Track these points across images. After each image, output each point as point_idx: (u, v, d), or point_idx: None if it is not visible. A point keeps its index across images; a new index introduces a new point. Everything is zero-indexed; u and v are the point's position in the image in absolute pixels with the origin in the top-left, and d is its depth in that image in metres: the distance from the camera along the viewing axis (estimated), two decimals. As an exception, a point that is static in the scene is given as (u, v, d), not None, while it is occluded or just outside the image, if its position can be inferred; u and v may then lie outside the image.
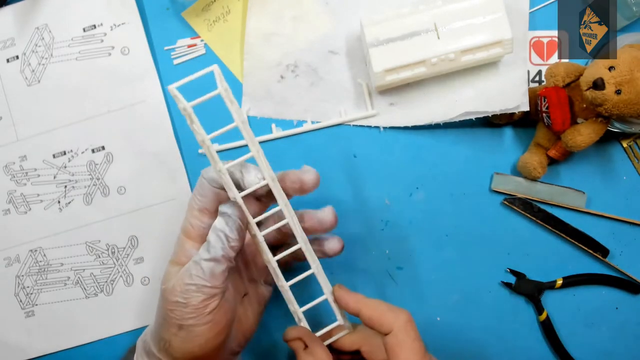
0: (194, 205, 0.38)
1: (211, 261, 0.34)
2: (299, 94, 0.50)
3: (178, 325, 0.35)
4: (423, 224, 0.49)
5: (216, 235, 0.35)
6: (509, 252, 0.49)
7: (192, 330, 0.35)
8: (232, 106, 0.34)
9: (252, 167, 0.37)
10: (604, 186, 0.48)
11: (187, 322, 0.35)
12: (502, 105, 0.46)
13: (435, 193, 0.49)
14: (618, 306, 0.48)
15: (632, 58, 0.40)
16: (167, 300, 0.35)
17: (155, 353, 0.37)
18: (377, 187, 0.49)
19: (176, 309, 0.35)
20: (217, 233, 0.35)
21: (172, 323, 0.35)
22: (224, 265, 0.34)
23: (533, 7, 0.49)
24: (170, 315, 0.35)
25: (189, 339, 0.35)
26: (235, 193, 0.36)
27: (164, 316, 0.36)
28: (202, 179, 0.38)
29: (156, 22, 0.52)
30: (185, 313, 0.34)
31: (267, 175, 0.36)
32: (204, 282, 0.34)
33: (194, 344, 0.35)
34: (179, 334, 0.35)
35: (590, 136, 0.43)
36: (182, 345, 0.35)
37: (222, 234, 0.35)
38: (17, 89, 0.51)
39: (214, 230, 0.35)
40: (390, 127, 0.50)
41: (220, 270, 0.34)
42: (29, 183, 0.51)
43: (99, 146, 0.51)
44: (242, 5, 0.51)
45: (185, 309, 0.34)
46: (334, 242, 0.41)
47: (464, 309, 0.48)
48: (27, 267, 0.51)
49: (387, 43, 0.45)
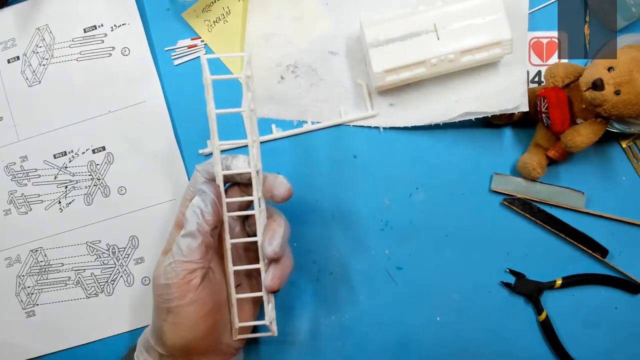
0: (187, 196, 0.39)
1: (187, 236, 0.35)
2: (299, 95, 0.50)
3: (166, 310, 0.36)
4: (423, 224, 0.49)
5: (192, 211, 0.36)
6: (509, 252, 0.49)
7: (179, 312, 0.35)
8: (247, 94, 0.36)
9: (242, 157, 0.39)
10: (604, 186, 0.48)
11: (173, 304, 0.35)
12: (502, 106, 0.46)
13: (435, 193, 0.49)
14: (617, 306, 0.48)
15: (632, 59, 0.40)
16: (155, 286, 0.37)
17: (153, 345, 0.38)
18: (377, 187, 0.49)
19: (163, 293, 0.36)
20: (194, 209, 0.36)
21: (162, 308, 0.36)
22: (199, 238, 0.35)
23: (533, 7, 0.49)
24: (159, 301, 0.36)
25: (178, 321, 0.36)
26: (219, 169, 0.38)
27: (155, 304, 0.37)
28: (196, 171, 0.40)
29: (156, 22, 0.52)
30: (170, 294, 0.35)
31: (253, 166, 0.38)
32: (182, 258, 0.35)
33: (183, 327, 0.36)
34: (168, 318, 0.36)
35: (589, 137, 0.43)
36: (172, 329, 0.36)
37: (197, 209, 0.36)
38: (18, 89, 0.52)
39: (191, 207, 0.36)
40: (390, 128, 0.50)
41: (196, 244, 0.35)
42: (30, 183, 0.51)
43: (99, 146, 0.51)
44: (243, 5, 0.51)
45: (170, 290, 0.35)
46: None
47: (464, 309, 0.48)
48: (28, 267, 0.51)
49: (387, 44, 0.45)
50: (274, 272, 0.39)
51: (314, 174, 0.50)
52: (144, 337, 0.40)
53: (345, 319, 0.49)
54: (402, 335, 0.48)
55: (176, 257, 0.36)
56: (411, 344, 0.48)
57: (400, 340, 0.48)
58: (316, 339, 0.49)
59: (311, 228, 0.49)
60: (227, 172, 0.38)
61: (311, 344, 0.49)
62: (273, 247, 0.38)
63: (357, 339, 0.49)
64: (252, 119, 0.37)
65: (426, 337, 0.48)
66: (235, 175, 0.39)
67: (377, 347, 0.48)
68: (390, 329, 0.49)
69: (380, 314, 0.49)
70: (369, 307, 0.49)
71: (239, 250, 0.43)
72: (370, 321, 0.49)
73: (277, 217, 0.40)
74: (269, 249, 0.38)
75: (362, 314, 0.49)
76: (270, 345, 0.49)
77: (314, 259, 0.49)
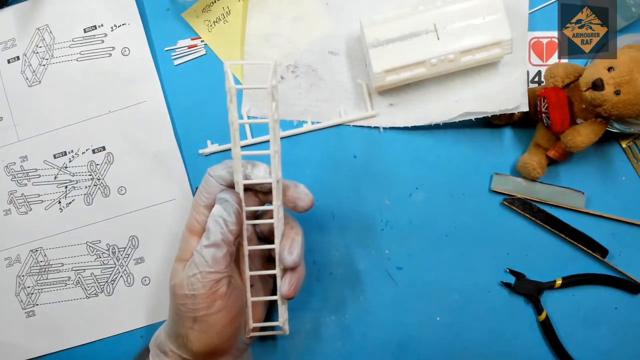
0: (200, 202, 0.38)
1: (211, 247, 0.35)
2: (299, 95, 0.50)
3: (192, 319, 0.36)
4: (423, 224, 0.49)
5: (215, 221, 0.35)
6: (509, 252, 0.49)
7: (207, 321, 0.35)
8: (272, 104, 0.35)
9: (262, 165, 0.38)
10: (603, 186, 0.48)
11: (200, 313, 0.35)
12: (502, 106, 0.46)
13: (435, 193, 0.49)
14: (617, 306, 0.48)
15: (631, 59, 0.40)
16: (176, 296, 0.36)
17: (175, 350, 0.38)
18: (377, 187, 0.49)
19: (187, 302, 0.35)
20: (216, 219, 0.36)
21: (186, 317, 0.36)
22: (224, 249, 0.35)
23: (532, 7, 0.49)
24: (182, 310, 0.36)
25: (205, 329, 0.36)
26: (240, 177, 0.37)
27: (177, 312, 0.36)
28: (209, 176, 0.38)
29: (156, 22, 0.52)
30: (197, 304, 0.35)
31: (274, 175, 0.37)
32: (208, 269, 0.35)
33: (211, 334, 0.36)
34: (194, 326, 0.36)
35: (589, 137, 0.43)
36: (200, 337, 0.36)
37: (220, 219, 0.35)
38: (18, 89, 0.52)
39: (212, 217, 0.36)
40: (390, 128, 0.50)
41: (221, 254, 0.35)
42: (30, 183, 0.51)
43: (99, 146, 0.51)
44: (243, 6, 0.51)
45: (196, 300, 0.35)
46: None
47: (464, 309, 0.48)
48: (28, 267, 0.51)
49: (387, 44, 0.45)
50: (290, 280, 0.39)
51: (314, 174, 0.50)
52: (157, 342, 0.40)
53: (345, 319, 0.49)
54: (402, 335, 0.48)
55: (201, 267, 0.35)
56: (411, 344, 0.48)
57: (400, 340, 0.48)
58: (316, 339, 0.49)
59: (311, 228, 0.49)
60: (248, 182, 0.37)
61: (311, 344, 0.49)
62: (293, 257, 0.38)
63: (357, 339, 0.49)
64: (276, 128, 0.36)
65: (426, 337, 0.48)
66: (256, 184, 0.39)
67: (377, 347, 0.48)
68: (390, 329, 0.49)
69: (380, 314, 0.49)
70: (369, 307, 0.49)
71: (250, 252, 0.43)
72: (370, 321, 0.49)
73: (294, 224, 0.40)
74: (289, 259, 0.38)
75: (362, 314, 0.49)
76: (270, 345, 0.49)
77: (314, 259, 0.49)
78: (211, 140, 0.50)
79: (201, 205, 0.38)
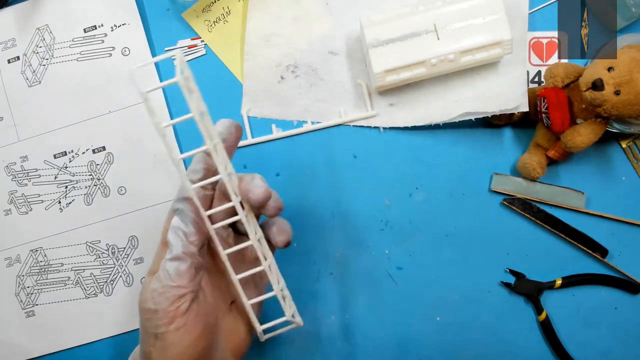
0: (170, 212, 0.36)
1: (174, 260, 0.33)
2: (299, 95, 0.50)
3: (154, 335, 0.33)
4: (423, 224, 0.49)
5: (174, 234, 0.33)
6: (509, 252, 0.49)
7: (166, 339, 0.33)
8: (191, 96, 0.31)
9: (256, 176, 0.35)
10: (603, 187, 0.48)
11: (161, 330, 0.33)
12: (502, 106, 0.46)
13: (434, 193, 0.49)
14: (617, 306, 0.48)
15: (631, 59, 0.40)
16: (141, 310, 0.34)
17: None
18: (377, 187, 0.49)
19: (150, 317, 0.33)
20: (175, 231, 0.34)
21: (149, 333, 0.34)
22: (187, 262, 0.33)
23: (533, 7, 0.49)
24: (146, 325, 0.34)
25: (165, 347, 0.33)
26: (187, 182, 0.34)
27: (142, 327, 0.34)
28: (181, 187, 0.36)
29: (156, 22, 0.52)
30: (157, 319, 0.33)
31: (222, 169, 0.33)
32: (170, 282, 0.33)
33: (171, 354, 0.33)
34: (156, 344, 0.33)
35: (589, 137, 0.43)
36: (160, 356, 0.33)
37: (179, 231, 0.33)
38: (18, 89, 0.52)
39: (171, 229, 0.34)
40: (390, 128, 0.50)
41: (184, 267, 0.33)
42: (30, 183, 0.51)
43: (99, 146, 0.51)
44: (243, 6, 0.51)
45: (157, 315, 0.33)
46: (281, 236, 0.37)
47: (464, 309, 0.48)
48: (28, 267, 0.51)
49: (387, 44, 0.45)
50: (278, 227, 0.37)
51: (314, 174, 0.50)
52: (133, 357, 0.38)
53: (345, 319, 0.49)
54: (402, 335, 0.48)
55: (164, 281, 0.33)
56: (411, 344, 0.48)
57: (400, 340, 0.48)
58: (316, 339, 0.49)
59: (311, 228, 0.49)
60: (196, 185, 0.34)
61: (311, 344, 0.49)
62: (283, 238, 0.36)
63: (357, 339, 0.49)
64: (206, 121, 0.32)
65: (426, 337, 0.48)
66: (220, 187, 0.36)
67: (377, 347, 0.48)
68: (390, 329, 0.48)
69: (380, 314, 0.49)
70: (369, 307, 0.49)
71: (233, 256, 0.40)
72: (370, 321, 0.49)
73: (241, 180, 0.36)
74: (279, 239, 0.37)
75: (362, 314, 0.49)
76: (270, 345, 0.49)
77: (314, 259, 0.49)
78: (211, 140, 0.50)
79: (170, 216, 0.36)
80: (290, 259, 0.49)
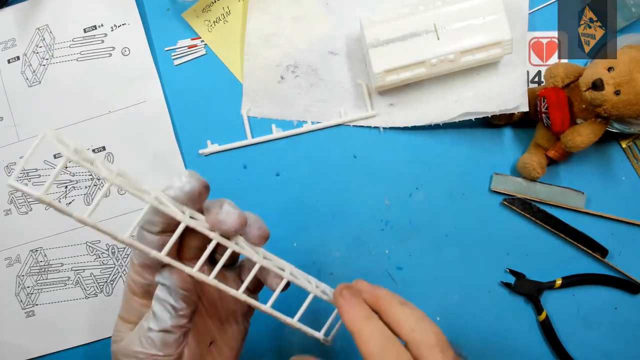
0: (134, 259, 0.32)
1: (161, 332, 0.30)
2: (299, 95, 0.50)
3: None
4: (423, 224, 0.49)
5: (161, 306, 0.30)
6: (509, 252, 0.49)
7: None
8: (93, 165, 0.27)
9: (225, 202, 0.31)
10: (603, 187, 0.48)
11: None
12: (502, 106, 0.46)
13: (435, 193, 0.49)
14: (617, 306, 0.48)
15: (631, 59, 0.40)
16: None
17: None
18: (377, 187, 0.49)
19: None
20: (162, 304, 0.30)
21: None
22: (176, 333, 0.30)
23: (533, 7, 0.49)
24: None
25: None
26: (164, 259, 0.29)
27: None
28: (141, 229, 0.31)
29: (157, 22, 0.52)
30: None
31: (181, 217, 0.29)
32: (156, 352, 0.30)
33: None
34: None
35: (589, 137, 0.43)
36: None
37: (167, 304, 0.30)
38: (18, 89, 0.52)
39: (158, 300, 0.30)
40: (390, 128, 0.50)
41: (173, 339, 0.30)
42: (30, 183, 0.51)
43: (99, 146, 0.51)
44: (243, 6, 0.51)
45: None
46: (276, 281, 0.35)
47: (464, 309, 0.48)
48: (28, 267, 0.51)
49: (387, 44, 0.45)
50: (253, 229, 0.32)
51: (314, 174, 0.50)
52: None
53: (345, 319, 0.49)
54: (402, 335, 0.48)
55: (149, 349, 0.30)
56: (411, 344, 0.48)
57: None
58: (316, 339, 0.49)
59: (311, 228, 0.49)
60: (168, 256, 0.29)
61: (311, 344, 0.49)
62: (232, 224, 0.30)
63: (357, 339, 0.49)
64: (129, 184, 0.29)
65: (426, 337, 0.48)
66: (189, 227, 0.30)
67: (377, 347, 0.48)
68: (390, 329, 0.48)
69: (380, 314, 0.49)
70: (369, 307, 0.49)
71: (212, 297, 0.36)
72: (370, 321, 0.49)
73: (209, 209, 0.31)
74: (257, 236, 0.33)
75: (362, 314, 0.49)
76: (269, 345, 0.49)
77: (314, 259, 0.49)
78: (211, 140, 0.50)
79: (135, 264, 0.32)
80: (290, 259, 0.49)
